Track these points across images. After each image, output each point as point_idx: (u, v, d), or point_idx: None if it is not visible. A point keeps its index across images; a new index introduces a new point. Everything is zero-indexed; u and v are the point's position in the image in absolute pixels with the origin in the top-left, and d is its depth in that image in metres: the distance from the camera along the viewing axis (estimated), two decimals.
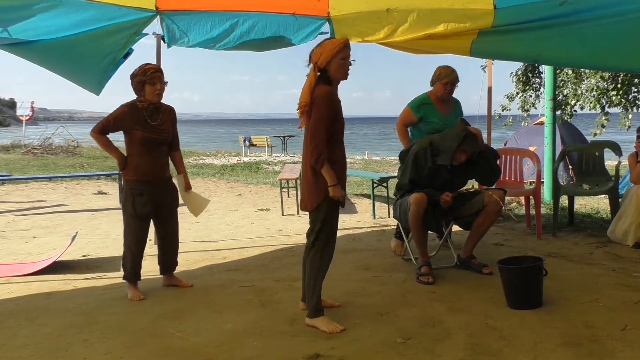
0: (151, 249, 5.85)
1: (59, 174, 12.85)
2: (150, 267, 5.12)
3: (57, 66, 5.62)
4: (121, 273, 4.32)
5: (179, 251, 4.54)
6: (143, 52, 6.61)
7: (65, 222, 7.56)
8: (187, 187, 4.51)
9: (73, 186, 11.47)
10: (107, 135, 4.19)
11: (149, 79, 4.09)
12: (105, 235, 6.68)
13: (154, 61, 5.78)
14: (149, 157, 4.17)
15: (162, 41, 5.58)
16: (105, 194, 10.23)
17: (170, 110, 4.34)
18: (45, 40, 5.15)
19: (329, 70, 3.38)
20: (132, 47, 5.52)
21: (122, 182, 4.27)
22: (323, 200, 3.38)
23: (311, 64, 3.41)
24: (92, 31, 5.14)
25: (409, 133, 5.14)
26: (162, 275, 4.56)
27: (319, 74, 3.38)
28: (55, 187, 11.32)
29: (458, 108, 5.18)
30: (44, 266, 4.98)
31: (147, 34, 5.52)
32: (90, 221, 7.63)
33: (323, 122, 3.31)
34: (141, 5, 5.14)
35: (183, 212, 4.68)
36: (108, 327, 3.57)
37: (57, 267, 5.10)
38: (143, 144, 4.13)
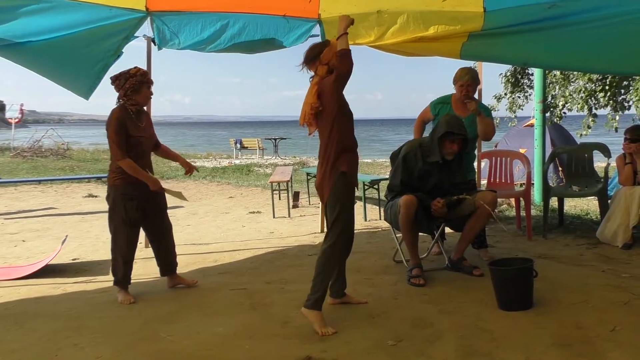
0: (141, 252, 5.84)
1: (48, 177, 12.77)
2: (140, 270, 5.10)
3: (46, 70, 5.57)
4: (111, 276, 4.30)
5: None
6: (133, 55, 6.59)
7: (55, 225, 7.51)
8: (190, 167, 4.57)
9: (63, 189, 11.41)
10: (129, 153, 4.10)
11: (146, 82, 4.13)
12: (96, 238, 6.64)
13: (144, 63, 5.77)
14: (139, 160, 4.14)
15: (152, 43, 5.56)
16: (96, 196, 10.18)
17: (147, 112, 4.39)
18: (34, 42, 5.11)
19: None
20: (122, 50, 5.50)
21: (109, 189, 4.17)
22: (337, 179, 3.48)
23: (320, 64, 3.53)
24: (83, 33, 5.11)
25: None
26: (161, 277, 4.55)
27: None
28: (45, 190, 11.25)
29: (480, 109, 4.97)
30: (34, 270, 4.94)
31: (138, 37, 5.51)
32: (80, 224, 7.59)
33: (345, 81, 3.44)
34: (131, 6, 5.12)
35: (173, 215, 4.65)
36: (98, 331, 3.55)
37: (47, 271, 5.07)
38: (135, 147, 4.11)
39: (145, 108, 4.34)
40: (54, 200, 9.91)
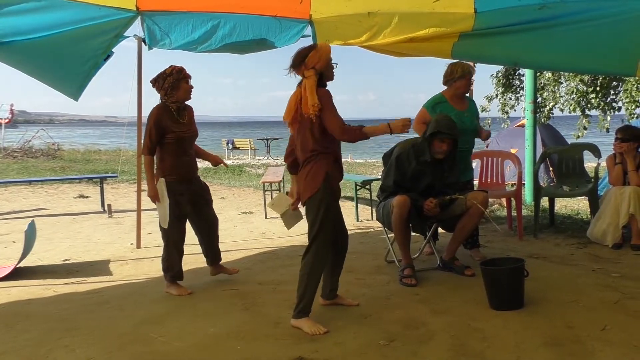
0: (132, 253, 5.83)
1: (39, 178, 12.68)
2: (131, 271, 5.09)
3: (33, 70, 5.53)
4: (102, 277, 4.29)
5: (162, 255, 4.49)
6: (124, 54, 6.57)
7: (45, 226, 7.47)
8: (218, 160, 4.67)
9: (54, 190, 11.35)
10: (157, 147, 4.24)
11: (183, 77, 4.24)
12: (87, 239, 6.61)
13: (135, 63, 5.76)
14: (183, 156, 4.28)
15: (143, 43, 5.54)
16: (87, 197, 10.13)
17: (190, 108, 4.45)
18: (22, 40, 5.07)
19: (324, 74, 3.53)
20: (113, 50, 5.47)
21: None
22: (317, 190, 3.46)
23: (305, 69, 3.49)
24: (72, 32, 5.08)
25: None
26: (209, 267, 4.70)
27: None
28: (36, 191, 11.18)
29: (473, 106, 5.14)
30: (9, 271, 4.91)
31: (128, 37, 5.48)
32: (72, 225, 7.55)
33: (336, 112, 3.46)
34: (122, 5, 5.10)
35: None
36: (90, 333, 3.54)
37: (38, 272, 5.05)
38: (178, 143, 4.23)
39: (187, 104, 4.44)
40: (45, 201, 9.85)
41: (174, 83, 4.21)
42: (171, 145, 4.21)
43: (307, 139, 3.50)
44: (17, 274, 5.02)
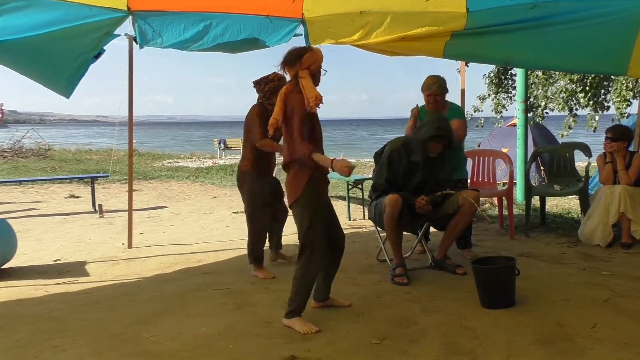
0: (124, 252, 5.81)
1: (29, 178, 12.60)
2: (123, 270, 5.07)
3: (25, 68, 5.49)
4: (93, 277, 4.27)
5: (154, 254, 4.52)
6: (115, 53, 6.54)
7: (36, 226, 7.43)
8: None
9: (44, 190, 11.29)
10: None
11: (283, 85, 4.42)
12: (78, 239, 6.58)
13: (126, 62, 5.73)
14: (265, 154, 4.70)
15: (134, 42, 5.51)
16: (78, 197, 10.08)
17: None
18: (12, 39, 5.04)
19: (315, 76, 3.52)
20: (104, 48, 5.45)
21: (242, 174, 4.78)
22: (302, 193, 3.43)
23: (300, 68, 3.48)
24: (62, 30, 5.05)
25: None
26: (270, 250, 5.14)
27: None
28: (26, 191, 11.12)
29: (451, 112, 5.00)
30: None
31: (119, 35, 5.45)
32: (62, 225, 7.51)
33: (304, 121, 3.44)
34: (113, 5, 5.08)
35: (156, 215, 4.62)
36: (80, 333, 3.52)
37: (28, 272, 5.03)
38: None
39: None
40: (35, 201, 9.79)
41: (273, 89, 4.53)
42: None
43: (290, 142, 3.49)
44: (6, 274, 4.99)
